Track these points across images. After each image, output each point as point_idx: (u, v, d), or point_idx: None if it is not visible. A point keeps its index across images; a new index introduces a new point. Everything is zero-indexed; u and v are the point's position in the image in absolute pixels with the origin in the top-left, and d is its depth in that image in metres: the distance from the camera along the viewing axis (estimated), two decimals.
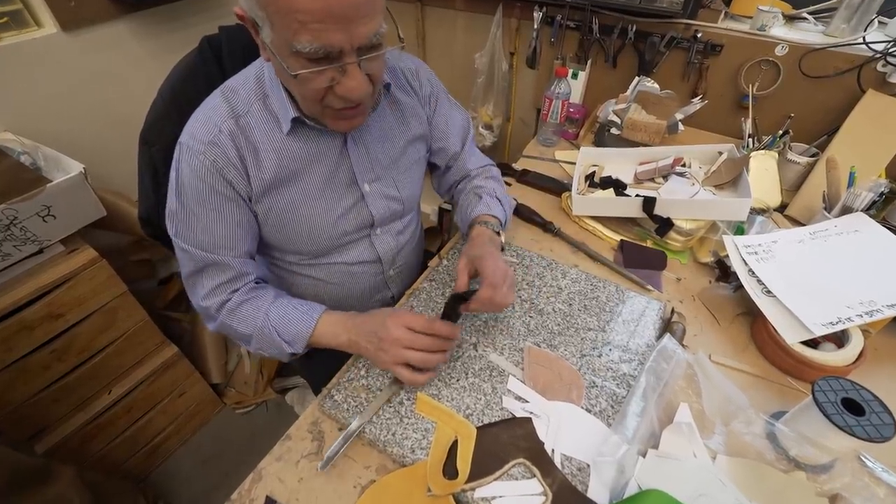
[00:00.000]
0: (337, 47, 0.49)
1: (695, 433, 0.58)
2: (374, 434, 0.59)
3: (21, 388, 0.99)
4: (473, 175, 0.88)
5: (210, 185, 0.62)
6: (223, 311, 0.68)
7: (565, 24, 1.25)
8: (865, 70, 1.00)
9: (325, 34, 0.48)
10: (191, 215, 0.64)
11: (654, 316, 0.74)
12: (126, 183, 1.23)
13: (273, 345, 0.67)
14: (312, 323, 0.66)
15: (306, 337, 0.66)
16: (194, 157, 0.61)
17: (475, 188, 0.84)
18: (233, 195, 0.64)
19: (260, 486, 0.57)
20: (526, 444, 0.58)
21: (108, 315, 1.08)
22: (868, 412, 0.52)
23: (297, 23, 0.47)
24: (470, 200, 0.82)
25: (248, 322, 0.67)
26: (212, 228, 0.64)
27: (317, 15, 0.46)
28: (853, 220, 0.80)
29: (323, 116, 0.61)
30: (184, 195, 0.63)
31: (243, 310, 0.67)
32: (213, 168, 0.61)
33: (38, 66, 1.04)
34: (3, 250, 0.86)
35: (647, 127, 1.08)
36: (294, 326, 0.66)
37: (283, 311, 0.67)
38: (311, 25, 0.47)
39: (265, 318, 0.66)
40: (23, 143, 0.99)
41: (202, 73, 0.77)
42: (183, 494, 1.34)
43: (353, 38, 0.49)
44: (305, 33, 0.47)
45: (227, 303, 0.67)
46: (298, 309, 0.67)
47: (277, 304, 0.68)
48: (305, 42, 0.48)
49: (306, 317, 0.66)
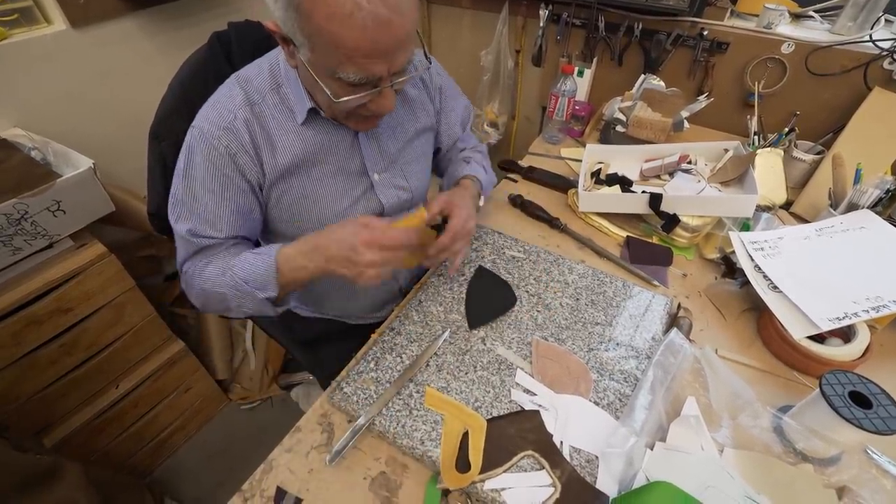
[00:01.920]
0: (378, 75, 0.53)
1: (702, 426, 0.59)
2: (383, 426, 0.60)
3: (30, 382, 1.00)
4: (462, 150, 0.91)
5: (220, 169, 0.63)
6: (195, 273, 0.66)
7: (571, 22, 1.25)
8: (872, 68, 1.01)
9: (370, 66, 0.52)
10: (194, 198, 0.64)
11: (660, 311, 0.74)
12: (133, 179, 1.24)
13: (249, 296, 0.64)
14: (272, 261, 0.62)
15: (274, 277, 0.62)
16: (207, 141, 0.62)
17: (464, 156, 0.88)
18: (240, 182, 0.65)
19: (270, 477, 0.58)
20: (534, 436, 0.58)
21: (116, 310, 1.08)
22: (875, 405, 0.52)
23: (344, 56, 0.50)
24: (458, 166, 0.86)
25: (218, 281, 0.64)
26: (212, 211, 0.64)
27: (365, 52, 0.50)
28: (859, 217, 0.80)
29: (346, 121, 0.64)
30: (190, 178, 0.64)
31: (210, 269, 0.65)
32: (226, 153, 0.62)
33: (47, 63, 1.04)
34: (14, 244, 0.87)
35: (652, 124, 1.08)
36: (257, 271, 0.62)
37: (244, 261, 0.64)
38: (358, 59, 0.51)
39: (231, 272, 0.63)
40: (32, 139, 1.00)
41: (212, 68, 0.78)
42: (188, 490, 1.35)
43: (392, 67, 0.53)
44: (351, 65, 0.51)
45: (198, 266, 0.67)
46: (257, 254, 0.64)
47: (239, 256, 0.65)
48: (351, 73, 0.52)
49: (265, 258, 0.63)
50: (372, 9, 0.47)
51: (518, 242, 0.88)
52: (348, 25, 0.48)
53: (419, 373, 0.66)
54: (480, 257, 0.85)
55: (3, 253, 0.86)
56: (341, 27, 0.48)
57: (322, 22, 0.48)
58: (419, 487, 0.56)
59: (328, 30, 0.49)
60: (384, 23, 0.48)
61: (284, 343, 1.09)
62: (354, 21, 0.47)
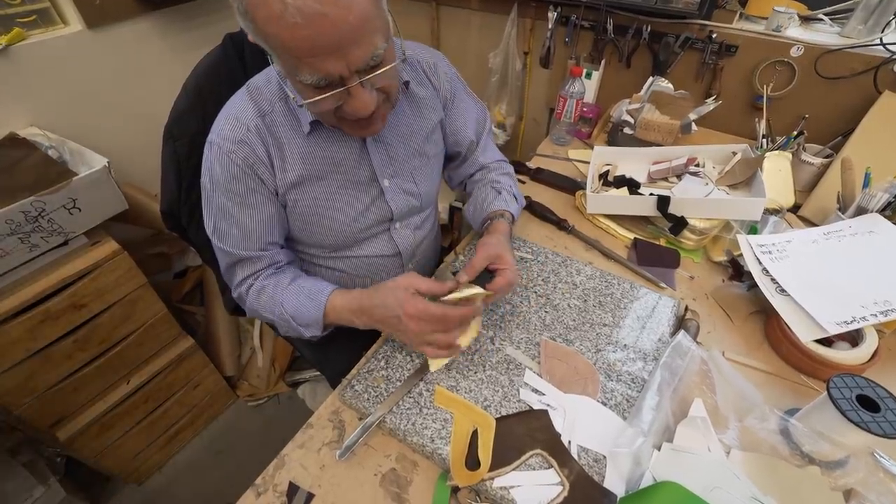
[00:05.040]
0: (335, 74, 0.50)
1: (709, 427, 0.59)
2: (393, 424, 0.61)
3: (44, 376, 1.02)
4: (490, 169, 0.89)
5: (243, 182, 0.64)
6: (250, 295, 0.72)
7: (580, 24, 1.26)
8: (882, 71, 1.00)
9: (321, 65, 0.49)
10: (224, 212, 0.66)
11: (667, 313, 0.75)
12: (145, 177, 1.26)
13: (294, 330, 0.70)
14: (320, 314, 0.68)
15: (319, 323, 0.68)
16: (225, 156, 0.63)
17: (492, 182, 0.86)
18: (263, 190, 0.66)
19: (283, 472, 0.59)
20: (543, 435, 0.59)
21: (128, 306, 1.10)
22: (883, 409, 0.52)
23: (294, 59, 0.49)
24: (487, 194, 0.84)
25: (270, 309, 0.70)
26: (244, 223, 0.67)
27: (307, 50, 0.48)
28: (868, 221, 0.80)
29: (341, 126, 0.63)
30: (217, 194, 0.66)
31: (263, 297, 0.71)
32: (245, 165, 0.63)
33: (63, 63, 1.06)
34: (32, 241, 0.88)
35: (660, 127, 1.09)
36: (305, 314, 0.68)
37: (295, 301, 0.69)
38: (305, 59, 0.49)
39: (280, 306, 0.69)
40: (49, 137, 1.02)
41: (225, 68, 0.79)
42: (197, 485, 1.37)
43: (350, 64, 0.50)
44: (303, 67, 0.49)
45: (251, 287, 0.72)
46: (309, 297, 0.69)
47: (289, 291, 0.70)
48: (307, 75, 0.50)
49: (315, 304, 0.68)
50: (298, 4, 0.44)
51: (526, 244, 0.89)
52: (282, 25, 0.46)
53: (429, 371, 0.66)
54: None
55: (21, 250, 0.88)
56: (278, 28, 0.46)
57: (264, 27, 0.47)
58: (429, 484, 0.57)
59: (270, 33, 0.47)
60: (317, 17, 0.45)
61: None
62: (286, 20, 0.45)
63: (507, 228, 0.77)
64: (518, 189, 0.89)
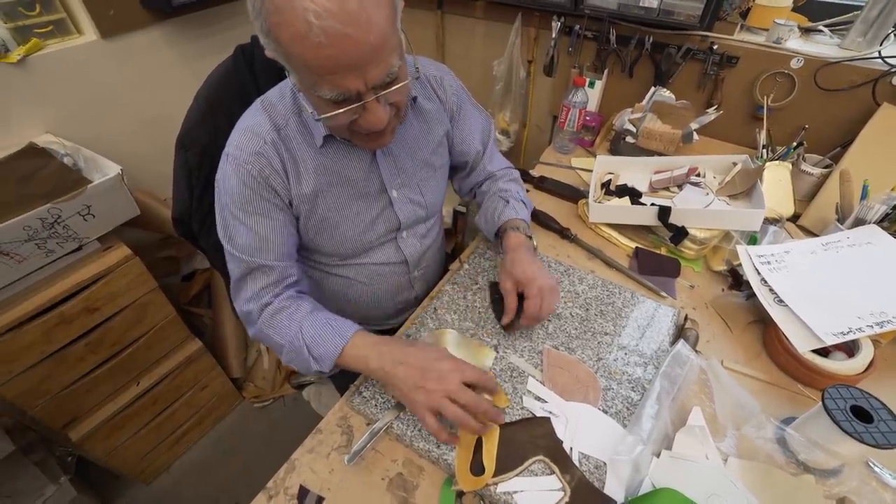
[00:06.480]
0: (354, 91, 0.53)
1: (707, 436, 0.61)
2: (400, 429, 0.63)
3: (58, 378, 1.04)
4: (497, 177, 0.91)
5: (258, 193, 0.66)
6: (264, 314, 0.68)
7: (583, 34, 1.27)
8: (881, 84, 1.02)
9: (342, 81, 0.51)
10: (238, 222, 0.67)
11: (667, 322, 0.77)
12: (155, 182, 1.28)
13: (302, 359, 0.66)
14: (343, 342, 0.64)
15: (334, 356, 0.64)
16: (241, 167, 0.65)
17: (500, 191, 0.88)
18: (278, 201, 0.68)
19: (294, 476, 0.61)
20: (545, 442, 0.61)
21: (139, 310, 1.13)
22: (877, 420, 0.54)
23: (315, 75, 0.51)
24: (496, 204, 0.86)
25: (283, 332, 0.67)
26: (258, 233, 0.67)
27: (329, 69, 0.50)
28: (866, 233, 0.81)
29: (352, 139, 0.65)
30: (232, 204, 0.67)
31: (280, 318, 0.68)
32: (260, 177, 0.65)
33: (78, 72, 1.09)
34: (48, 247, 0.91)
35: (662, 136, 1.11)
36: (325, 342, 0.65)
37: (317, 327, 0.66)
38: (327, 77, 0.51)
39: (298, 330, 0.66)
40: (64, 145, 1.04)
41: (236, 80, 0.81)
42: (204, 484, 1.39)
43: (368, 80, 0.52)
44: (324, 84, 0.52)
45: (267, 306, 0.69)
46: (332, 325, 0.66)
47: (312, 318, 0.67)
48: (326, 90, 0.52)
49: (338, 334, 0.65)
50: (323, 25, 0.46)
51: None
52: (307, 45, 0.48)
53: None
54: (493, 267, 0.87)
55: (38, 255, 0.90)
56: (302, 47, 0.48)
57: (287, 45, 0.49)
58: (434, 489, 0.59)
59: (293, 52, 0.49)
60: (340, 37, 0.47)
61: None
62: (310, 40, 0.47)
63: (522, 240, 0.78)
64: (525, 194, 0.91)
